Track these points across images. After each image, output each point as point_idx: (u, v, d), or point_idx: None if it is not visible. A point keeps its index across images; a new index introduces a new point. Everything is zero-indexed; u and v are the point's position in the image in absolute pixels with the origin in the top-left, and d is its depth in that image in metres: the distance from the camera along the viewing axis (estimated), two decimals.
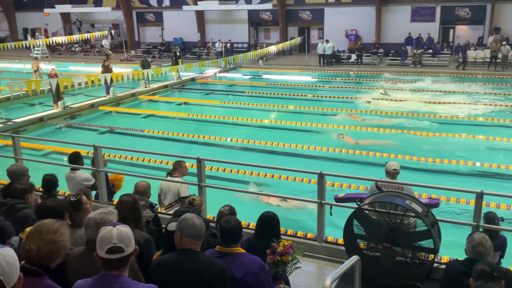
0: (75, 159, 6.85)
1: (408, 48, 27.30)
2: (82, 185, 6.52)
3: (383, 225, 4.77)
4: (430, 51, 27.11)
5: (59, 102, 16.31)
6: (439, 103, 17.28)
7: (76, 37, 34.25)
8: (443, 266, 4.58)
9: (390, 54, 27.96)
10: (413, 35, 28.05)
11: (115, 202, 6.50)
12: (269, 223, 4.16)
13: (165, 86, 22.02)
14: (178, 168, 6.72)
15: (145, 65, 21.64)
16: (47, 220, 2.79)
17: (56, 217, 3.06)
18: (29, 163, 7.40)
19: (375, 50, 26.71)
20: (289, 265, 3.72)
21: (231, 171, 10.21)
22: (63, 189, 6.99)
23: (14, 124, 14.81)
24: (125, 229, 2.65)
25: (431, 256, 4.74)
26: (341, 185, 9.15)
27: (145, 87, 20.69)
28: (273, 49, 26.89)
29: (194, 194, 6.02)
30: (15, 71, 27.01)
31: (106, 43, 33.09)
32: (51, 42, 32.51)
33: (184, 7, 32.97)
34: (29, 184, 4.93)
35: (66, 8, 36.52)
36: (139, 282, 2.77)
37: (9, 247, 2.24)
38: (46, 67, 23.83)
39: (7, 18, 40.62)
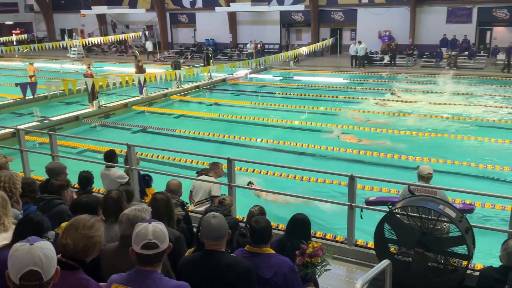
0: (110, 156, 6.99)
1: (443, 49, 26.68)
2: (116, 183, 6.65)
3: (415, 230, 4.69)
4: (466, 53, 26.44)
5: (94, 102, 16.72)
6: (475, 105, 16.85)
7: (111, 37, 35.08)
8: (477, 273, 4.48)
9: (425, 56, 27.43)
10: (448, 37, 27.38)
11: (146, 199, 6.64)
12: (300, 225, 4.15)
13: (197, 87, 22.25)
14: (214, 169, 6.88)
15: (176, 66, 21.93)
16: (83, 215, 2.86)
17: (90, 212, 3.14)
18: (65, 160, 7.59)
19: (410, 51, 26.27)
20: (319, 267, 3.70)
21: (261, 172, 10.22)
22: (97, 186, 7.15)
23: (51, 122, 15.27)
24: (160, 226, 2.70)
25: (465, 262, 4.63)
26: (372, 188, 9.04)
27: (177, 88, 20.97)
28: (304, 50, 26.78)
29: (224, 194, 6.08)
30: (52, 71, 27.81)
31: (149, 45, 33.57)
32: (87, 43, 33.39)
33: (217, 9, 33.22)
34: (65, 180, 5.06)
35: (102, 9, 37.41)
36: (170, 278, 2.81)
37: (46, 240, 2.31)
38: (81, 67, 24.40)
39: (45, 19, 41.82)
